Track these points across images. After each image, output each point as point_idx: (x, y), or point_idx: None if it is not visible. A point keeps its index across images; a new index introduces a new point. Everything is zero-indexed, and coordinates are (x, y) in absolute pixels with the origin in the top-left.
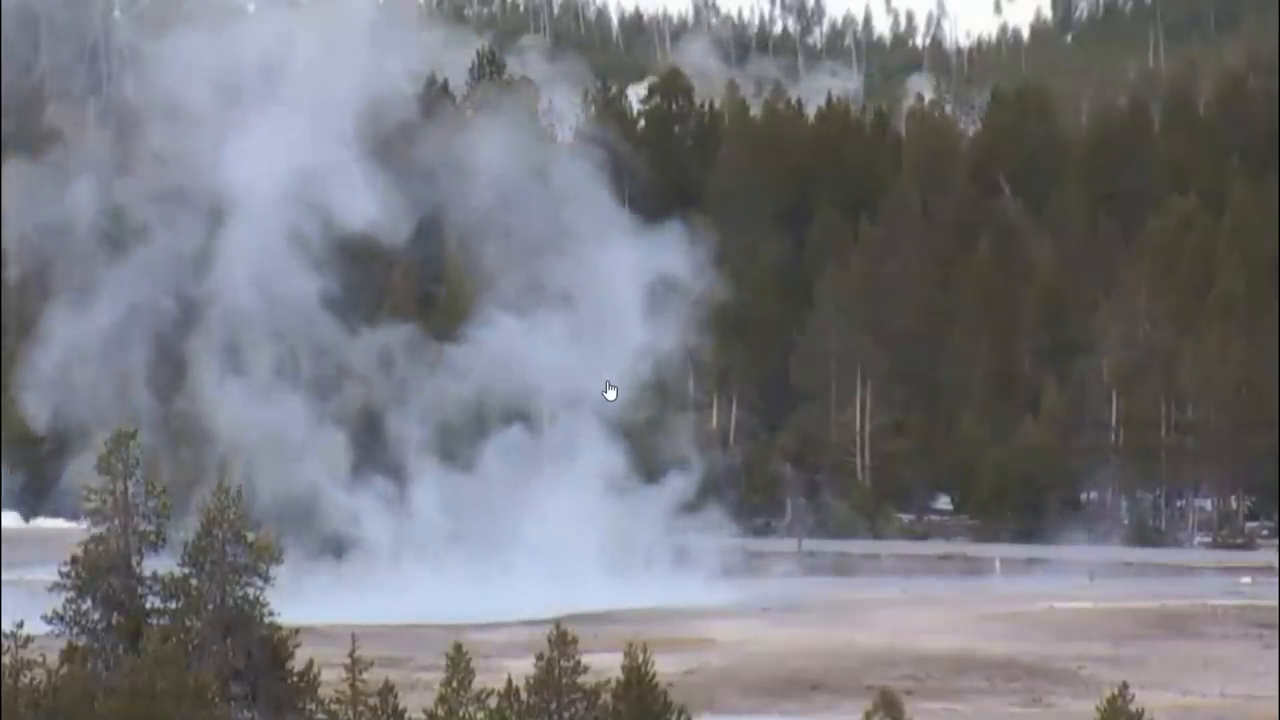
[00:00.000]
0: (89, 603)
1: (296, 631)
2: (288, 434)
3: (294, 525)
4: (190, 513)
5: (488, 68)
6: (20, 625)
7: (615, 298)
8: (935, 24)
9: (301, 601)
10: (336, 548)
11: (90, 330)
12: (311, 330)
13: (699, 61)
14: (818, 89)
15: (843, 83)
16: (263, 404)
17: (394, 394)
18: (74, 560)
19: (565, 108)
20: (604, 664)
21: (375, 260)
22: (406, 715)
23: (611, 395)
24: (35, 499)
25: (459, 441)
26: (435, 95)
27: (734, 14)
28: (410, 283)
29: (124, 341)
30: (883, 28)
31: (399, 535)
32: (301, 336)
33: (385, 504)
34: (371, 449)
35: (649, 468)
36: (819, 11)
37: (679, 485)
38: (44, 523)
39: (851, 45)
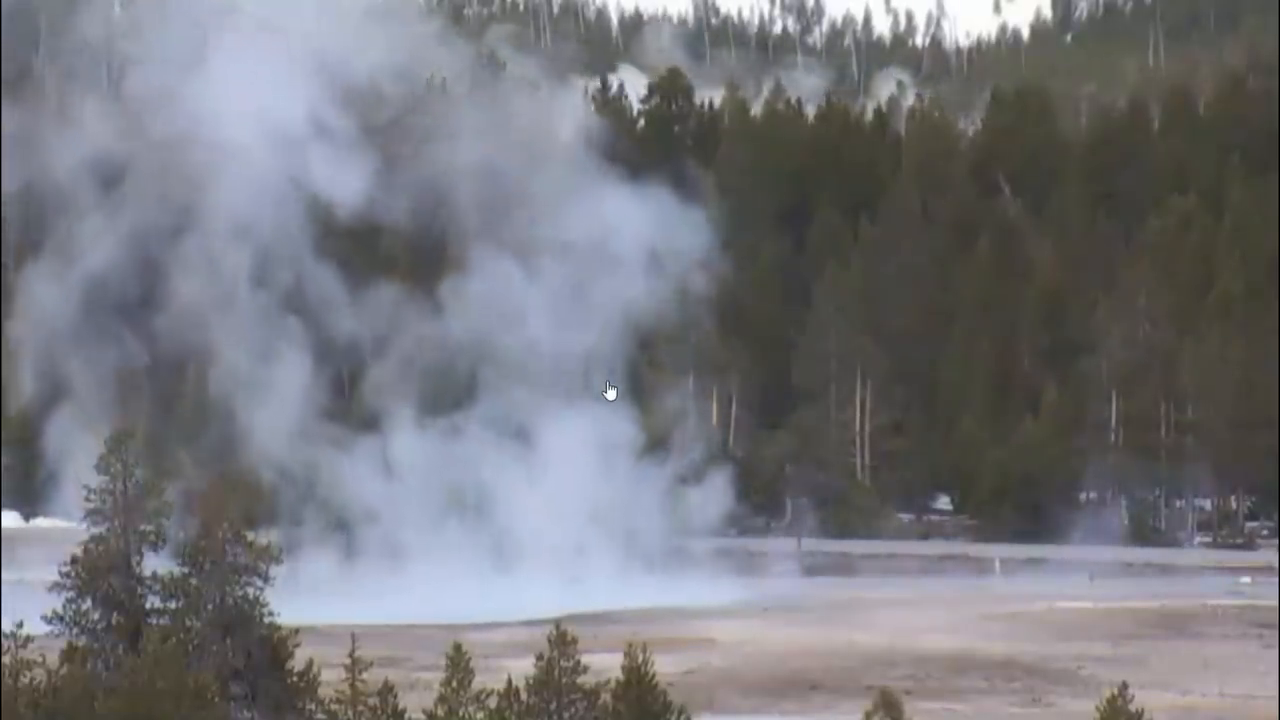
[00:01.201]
0: (89, 603)
1: (296, 631)
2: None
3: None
4: (183, 476)
5: (485, 62)
6: (20, 625)
7: (615, 284)
8: (935, 24)
9: (301, 601)
10: (340, 523)
11: (74, 285)
12: (302, 292)
13: (665, 52)
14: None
15: (817, 80)
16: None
17: (388, 371)
18: (74, 560)
19: (564, 102)
20: (604, 664)
21: (369, 239)
22: (406, 715)
23: (611, 395)
24: (34, 498)
25: (449, 413)
26: (434, 90)
27: (734, 14)
28: (405, 264)
29: (110, 294)
30: (882, 28)
31: (391, 501)
32: (291, 297)
33: (378, 473)
34: (366, 421)
35: (647, 455)
36: (819, 11)
37: (676, 485)
38: (44, 523)
39: (851, 45)
